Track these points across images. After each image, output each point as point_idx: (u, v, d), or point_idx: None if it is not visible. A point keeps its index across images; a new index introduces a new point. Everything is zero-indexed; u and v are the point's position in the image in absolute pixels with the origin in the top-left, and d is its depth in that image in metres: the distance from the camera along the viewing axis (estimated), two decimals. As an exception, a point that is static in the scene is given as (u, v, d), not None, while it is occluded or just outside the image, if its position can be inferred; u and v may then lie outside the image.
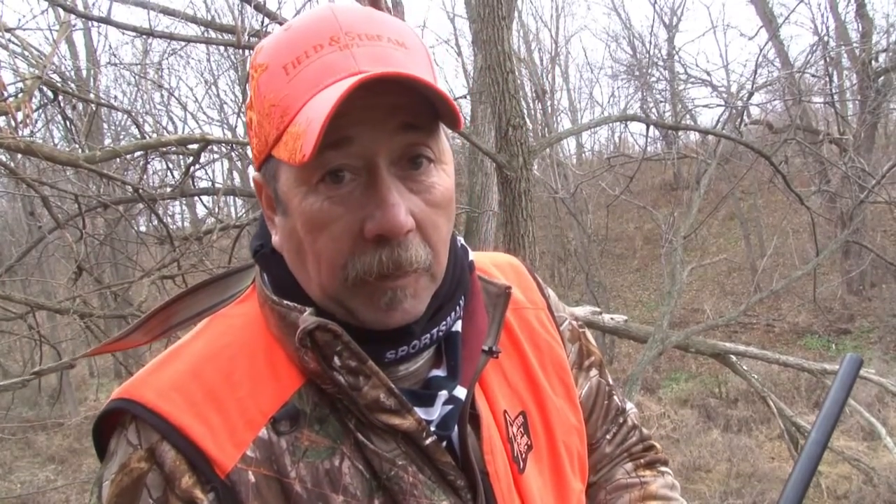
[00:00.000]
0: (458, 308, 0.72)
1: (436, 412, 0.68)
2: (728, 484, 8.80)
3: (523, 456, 0.76)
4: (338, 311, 0.66)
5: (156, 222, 4.35)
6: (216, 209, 6.10)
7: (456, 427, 0.70)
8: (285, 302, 0.66)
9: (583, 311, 5.43)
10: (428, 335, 0.68)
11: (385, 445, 0.65)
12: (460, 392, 0.70)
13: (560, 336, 0.87)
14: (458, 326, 0.73)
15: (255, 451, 0.62)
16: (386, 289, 0.63)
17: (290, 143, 0.59)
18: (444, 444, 0.69)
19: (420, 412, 0.66)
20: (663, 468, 1.00)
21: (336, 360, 0.63)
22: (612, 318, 5.40)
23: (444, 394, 0.69)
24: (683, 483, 9.67)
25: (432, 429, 0.67)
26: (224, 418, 0.63)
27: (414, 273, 0.63)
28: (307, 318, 0.63)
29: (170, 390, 0.64)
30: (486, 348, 0.74)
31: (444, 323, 0.70)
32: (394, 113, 0.61)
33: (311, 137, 0.55)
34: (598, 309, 5.60)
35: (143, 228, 5.33)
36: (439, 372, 0.71)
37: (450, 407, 0.69)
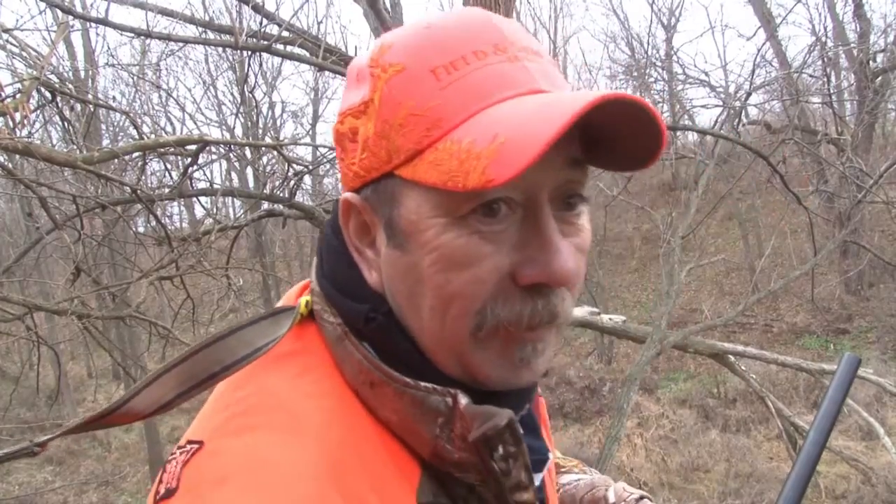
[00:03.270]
0: None
1: (541, 478, 0.63)
2: (727, 484, 8.82)
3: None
4: (450, 369, 0.57)
5: (154, 223, 4.35)
6: (214, 210, 6.10)
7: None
8: (423, 384, 0.55)
9: (581, 311, 5.43)
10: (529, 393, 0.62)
11: None
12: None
13: None
14: None
15: None
16: (527, 342, 0.55)
17: (450, 162, 0.49)
18: None
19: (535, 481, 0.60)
20: None
21: (500, 450, 0.53)
22: (610, 319, 5.40)
23: (550, 457, 0.64)
24: (682, 483, 9.73)
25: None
26: None
27: (553, 326, 0.56)
28: (482, 410, 0.53)
29: None
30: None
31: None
32: (566, 145, 0.52)
33: (512, 161, 0.46)
34: (596, 309, 5.60)
35: (141, 229, 5.32)
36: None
37: (545, 470, 0.65)
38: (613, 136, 0.53)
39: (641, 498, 0.90)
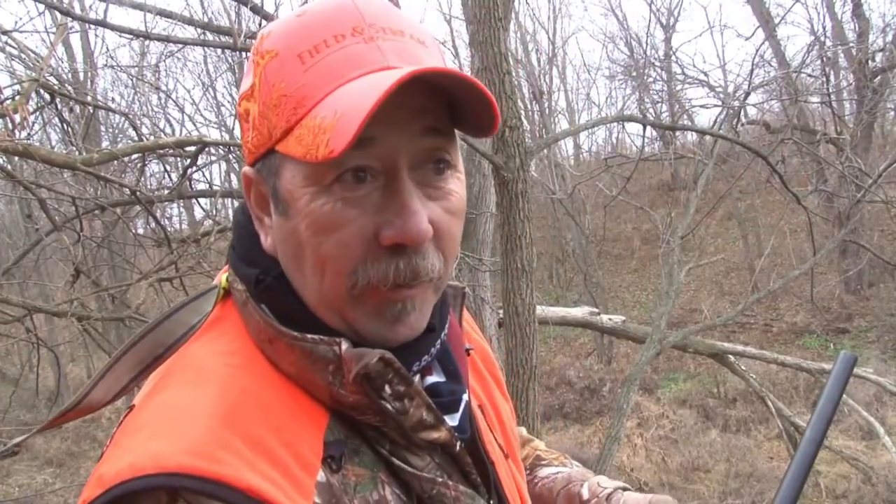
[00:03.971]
0: (448, 314, 0.72)
1: (458, 418, 0.67)
2: (727, 484, 8.81)
3: (499, 443, 0.78)
4: (335, 323, 0.62)
5: (153, 225, 4.35)
6: (213, 211, 6.09)
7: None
8: (310, 336, 0.60)
9: (581, 311, 5.44)
10: (438, 343, 0.67)
11: (420, 463, 0.63)
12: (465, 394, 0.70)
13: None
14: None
15: (319, 496, 0.56)
16: (396, 300, 0.60)
17: (308, 137, 0.55)
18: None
19: (448, 421, 0.65)
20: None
21: (387, 389, 0.59)
22: (610, 319, 5.41)
23: (465, 398, 0.68)
24: (682, 483, 9.72)
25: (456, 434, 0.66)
26: (281, 468, 0.55)
27: (425, 284, 0.61)
28: (358, 352, 0.59)
29: (213, 449, 0.53)
30: (465, 348, 0.76)
31: (443, 332, 0.69)
32: (421, 115, 0.58)
33: (345, 132, 0.51)
34: (596, 309, 5.61)
35: (140, 231, 5.33)
36: (436, 378, 0.69)
37: (461, 410, 0.68)
38: (468, 105, 0.59)
39: (615, 490, 0.91)
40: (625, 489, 0.91)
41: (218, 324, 0.65)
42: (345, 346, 0.59)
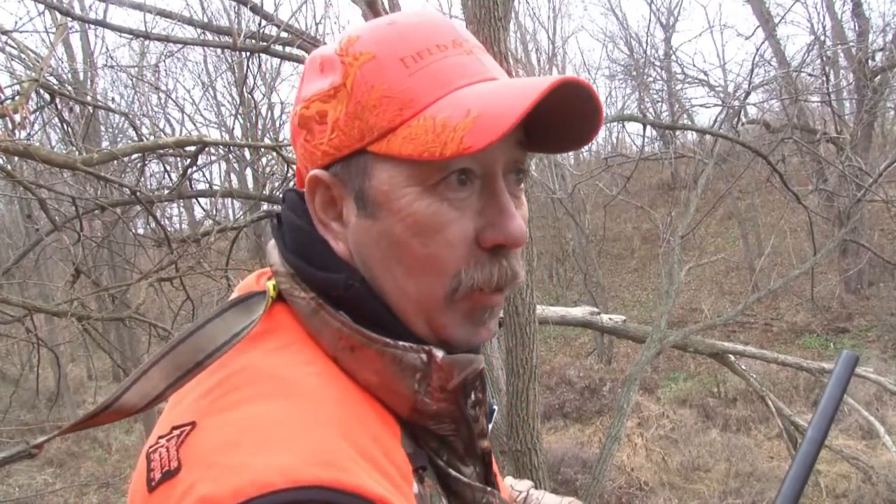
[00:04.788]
0: None
1: (490, 426, 0.69)
2: (727, 483, 8.81)
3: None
4: (420, 329, 0.62)
5: (153, 224, 4.35)
6: (214, 211, 6.09)
7: None
8: (401, 343, 0.59)
9: (581, 311, 5.43)
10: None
11: (469, 472, 0.64)
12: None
13: None
14: None
15: None
16: (490, 304, 0.62)
17: (424, 136, 0.56)
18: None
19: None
20: None
21: (472, 396, 0.61)
22: (610, 319, 5.41)
23: (496, 408, 0.70)
24: (682, 483, 9.71)
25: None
26: (389, 479, 0.54)
27: (511, 287, 0.63)
28: (454, 359, 0.60)
29: (341, 459, 0.50)
30: None
31: None
32: (517, 127, 0.58)
33: (488, 130, 0.54)
34: (596, 309, 5.60)
35: (140, 231, 5.33)
36: None
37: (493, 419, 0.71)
38: (551, 121, 0.62)
39: (528, 491, 0.93)
40: (534, 487, 0.94)
41: (275, 333, 0.61)
42: (440, 353, 0.60)
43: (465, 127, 0.55)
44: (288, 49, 4.59)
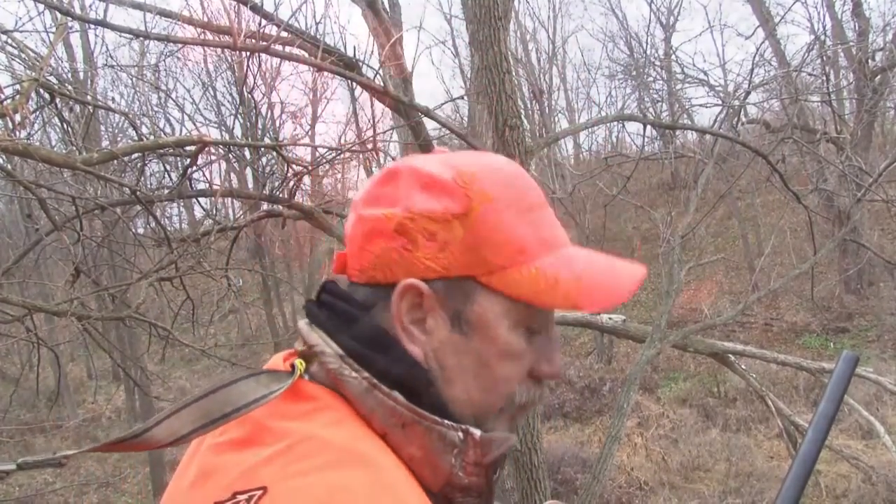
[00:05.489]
0: None
1: None
2: (727, 483, 8.82)
3: None
4: (465, 420, 0.71)
5: (153, 224, 4.34)
6: (214, 211, 6.08)
7: None
8: (446, 422, 0.68)
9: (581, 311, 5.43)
10: None
11: None
12: None
13: None
14: None
15: None
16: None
17: (536, 283, 0.68)
18: None
19: None
20: None
21: (498, 472, 0.72)
22: (610, 318, 5.40)
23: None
24: (682, 482, 9.71)
25: None
26: None
27: None
28: (490, 437, 0.69)
29: None
30: None
31: None
32: None
33: (593, 300, 0.68)
34: (596, 309, 5.59)
35: (140, 230, 5.32)
36: None
37: None
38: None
39: None
40: None
41: (326, 411, 0.66)
42: (477, 432, 0.68)
43: (577, 289, 0.68)
44: (288, 49, 4.58)
